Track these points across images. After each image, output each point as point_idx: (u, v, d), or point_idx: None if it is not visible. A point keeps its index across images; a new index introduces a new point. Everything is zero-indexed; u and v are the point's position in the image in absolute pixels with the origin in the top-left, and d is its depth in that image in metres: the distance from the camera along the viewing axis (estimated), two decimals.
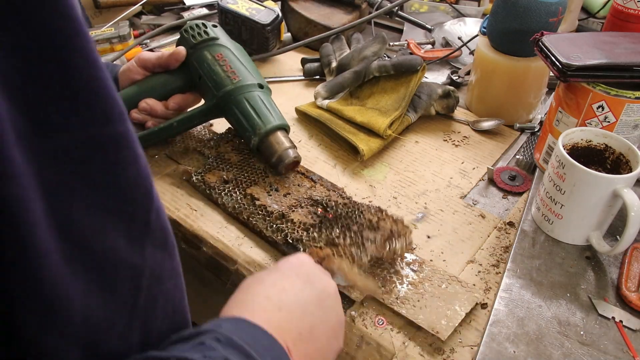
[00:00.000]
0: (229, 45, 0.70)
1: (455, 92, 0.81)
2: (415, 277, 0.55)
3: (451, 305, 0.51)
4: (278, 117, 0.66)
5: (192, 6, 1.10)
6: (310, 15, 1.00)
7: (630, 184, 0.53)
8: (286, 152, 0.64)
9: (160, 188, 0.67)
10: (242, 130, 0.66)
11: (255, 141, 0.65)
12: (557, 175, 0.56)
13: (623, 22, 0.77)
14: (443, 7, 1.16)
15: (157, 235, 0.33)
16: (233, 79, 0.67)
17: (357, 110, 0.77)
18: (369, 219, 0.57)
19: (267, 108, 0.66)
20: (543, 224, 0.60)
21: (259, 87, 0.68)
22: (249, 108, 0.66)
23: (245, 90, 0.66)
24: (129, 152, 0.29)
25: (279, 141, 0.65)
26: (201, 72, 0.68)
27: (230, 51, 0.70)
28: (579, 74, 0.59)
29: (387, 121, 0.73)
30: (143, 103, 0.69)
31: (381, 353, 0.48)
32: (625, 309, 0.51)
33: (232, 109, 0.66)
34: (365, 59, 0.83)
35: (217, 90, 0.67)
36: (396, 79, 0.80)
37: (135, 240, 0.31)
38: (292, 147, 0.65)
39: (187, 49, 0.70)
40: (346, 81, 0.81)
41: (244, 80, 0.67)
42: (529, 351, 0.47)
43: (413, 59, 0.78)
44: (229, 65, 0.68)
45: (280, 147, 0.64)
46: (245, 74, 0.68)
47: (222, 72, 0.67)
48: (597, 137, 0.59)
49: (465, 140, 0.78)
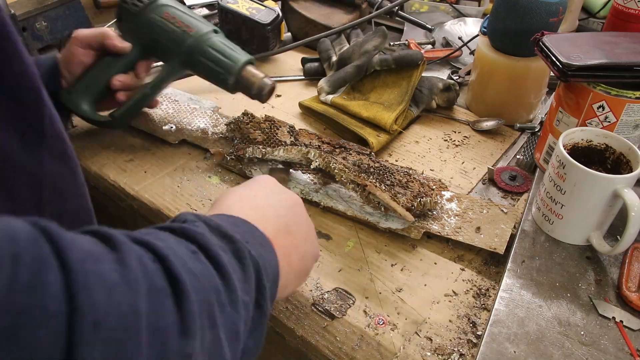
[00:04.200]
0: (170, 2, 0.71)
1: (455, 85, 0.83)
2: (459, 209, 0.63)
3: (497, 225, 0.60)
4: (243, 53, 0.69)
5: (192, 6, 1.10)
6: (310, 15, 1.00)
7: (630, 184, 0.53)
8: (263, 81, 0.67)
9: (161, 188, 0.67)
10: (215, 74, 0.68)
11: (232, 80, 0.67)
12: (558, 175, 0.56)
13: (623, 22, 0.77)
14: (443, 7, 1.16)
15: (53, 144, 0.32)
16: (189, 31, 0.68)
17: (362, 105, 0.78)
18: (398, 179, 0.63)
19: (230, 48, 0.69)
20: (543, 224, 0.60)
21: (214, 33, 0.70)
22: (215, 53, 0.68)
23: (205, 38, 0.68)
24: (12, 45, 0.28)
25: (253, 74, 0.68)
26: (154, 36, 0.69)
27: (174, 7, 0.70)
28: (579, 74, 0.59)
29: (393, 116, 0.75)
30: (115, 81, 0.68)
31: (381, 353, 0.48)
32: (625, 309, 0.51)
33: (198, 59, 0.68)
34: (366, 53, 0.84)
35: (179, 47, 0.68)
36: (397, 73, 0.81)
37: (30, 145, 0.30)
38: (266, 76, 0.68)
39: (132, 18, 0.70)
40: (348, 75, 0.82)
41: (200, 30, 0.69)
42: (529, 351, 0.47)
43: (414, 53, 0.80)
44: (180, 21, 0.69)
45: (257, 78, 0.67)
46: (198, 24, 0.69)
47: (176, 29, 0.68)
48: (597, 137, 0.59)
49: (465, 140, 0.78)
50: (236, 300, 0.29)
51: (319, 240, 0.60)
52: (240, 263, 0.31)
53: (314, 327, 0.51)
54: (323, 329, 0.51)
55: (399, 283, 0.55)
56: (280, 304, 0.53)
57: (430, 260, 0.58)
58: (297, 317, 0.52)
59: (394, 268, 0.57)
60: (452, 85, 0.83)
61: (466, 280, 0.56)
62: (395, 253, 0.59)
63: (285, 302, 0.53)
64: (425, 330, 0.50)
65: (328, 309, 0.52)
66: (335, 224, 0.62)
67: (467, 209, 0.62)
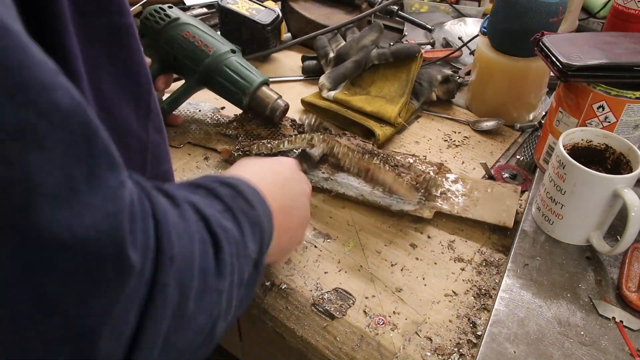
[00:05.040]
0: (191, 21, 0.73)
1: (454, 76, 0.84)
2: (465, 189, 0.65)
3: (503, 201, 0.63)
4: (259, 75, 0.72)
5: (192, 6, 1.10)
6: (310, 16, 1.00)
7: (630, 184, 0.53)
8: (277, 103, 0.71)
9: None
10: (230, 94, 0.71)
11: (246, 101, 0.71)
12: (558, 175, 0.56)
13: (623, 22, 0.77)
14: (443, 7, 1.16)
15: (155, 118, 0.39)
16: (208, 51, 0.71)
17: (364, 100, 0.79)
18: (402, 162, 0.65)
19: (246, 69, 0.72)
20: (543, 224, 0.60)
21: (232, 53, 0.72)
22: (231, 73, 0.71)
23: (222, 58, 0.71)
24: (135, 41, 0.36)
25: (267, 95, 0.71)
26: (175, 53, 0.71)
27: (194, 27, 0.73)
28: (579, 74, 0.59)
29: (397, 109, 0.76)
30: None
31: (381, 353, 0.48)
32: (625, 309, 0.51)
33: (215, 78, 0.71)
34: (364, 48, 0.84)
35: (197, 65, 0.71)
36: (396, 66, 0.82)
37: (142, 118, 0.37)
38: (279, 97, 0.72)
39: (154, 35, 0.72)
40: (348, 71, 0.83)
41: (219, 50, 0.71)
42: (529, 351, 0.47)
43: (411, 46, 0.81)
44: (200, 40, 0.71)
45: (271, 100, 0.71)
46: (217, 44, 0.72)
47: (195, 47, 0.71)
48: (597, 137, 0.59)
49: (465, 140, 0.78)
50: (247, 255, 0.36)
51: (319, 239, 0.60)
52: (252, 227, 0.37)
53: (314, 327, 0.51)
54: (323, 329, 0.51)
55: (399, 283, 0.55)
56: (280, 304, 0.53)
57: (430, 261, 0.58)
58: (297, 317, 0.52)
59: (394, 268, 0.57)
60: (450, 76, 0.84)
61: (466, 280, 0.56)
62: (395, 253, 0.59)
63: (286, 302, 0.53)
64: (425, 330, 0.50)
65: (328, 309, 0.52)
66: (336, 224, 0.62)
67: (473, 189, 0.65)
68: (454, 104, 0.87)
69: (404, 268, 0.57)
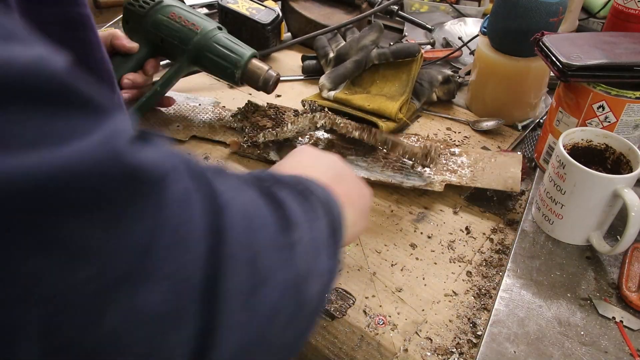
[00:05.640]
0: (174, 2, 0.74)
1: (454, 76, 0.84)
2: (470, 161, 0.68)
3: (507, 169, 0.66)
4: (248, 48, 0.73)
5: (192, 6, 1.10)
6: (310, 15, 1.00)
7: (630, 184, 0.53)
8: (269, 73, 0.72)
9: None
10: (222, 69, 0.72)
11: (238, 74, 0.71)
12: (558, 175, 0.56)
13: (623, 22, 0.77)
14: (443, 7, 1.16)
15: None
16: (196, 29, 0.71)
17: (364, 98, 0.79)
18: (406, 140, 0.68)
19: (235, 43, 0.72)
20: (543, 224, 0.60)
21: (219, 30, 0.73)
22: (221, 48, 0.71)
23: (210, 35, 0.72)
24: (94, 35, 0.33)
25: (259, 66, 0.72)
26: (162, 35, 0.72)
27: (179, 7, 0.73)
28: (579, 74, 0.59)
29: (397, 105, 0.76)
30: (125, 80, 0.70)
31: (381, 353, 0.48)
32: (625, 309, 0.51)
33: (206, 55, 0.72)
34: (364, 48, 0.84)
35: (186, 44, 0.71)
36: (396, 66, 0.82)
37: None
38: (270, 68, 0.72)
39: (138, 20, 0.72)
40: (348, 71, 0.83)
41: (206, 27, 0.72)
42: (529, 351, 0.47)
43: (411, 45, 0.81)
44: (186, 20, 0.72)
45: (262, 71, 0.72)
46: (204, 22, 0.72)
47: (183, 27, 0.71)
48: (597, 137, 0.59)
49: (465, 140, 0.78)
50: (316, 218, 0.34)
51: None
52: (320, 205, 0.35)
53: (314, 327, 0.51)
54: (323, 329, 0.51)
55: (399, 283, 0.55)
56: None
57: (430, 261, 0.58)
58: None
59: (394, 268, 0.57)
60: (451, 77, 0.84)
61: (466, 280, 0.56)
62: (395, 253, 0.59)
63: None
64: (425, 330, 0.50)
65: (328, 309, 0.52)
66: None
67: (477, 160, 0.68)
68: (454, 104, 0.87)
69: (404, 268, 0.57)
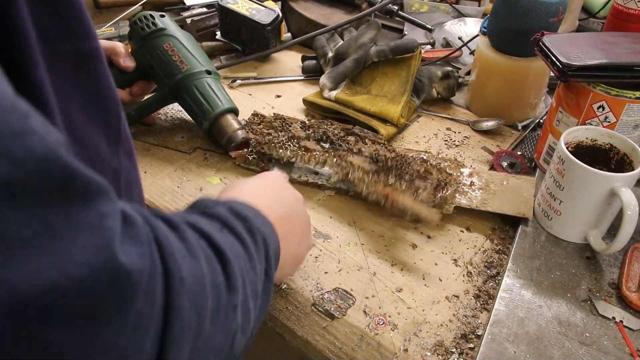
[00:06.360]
0: (177, 35, 0.73)
1: (454, 72, 0.84)
2: (481, 183, 0.66)
3: (520, 193, 0.63)
4: (226, 102, 0.71)
5: (192, 6, 1.10)
6: (310, 15, 1.00)
7: (629, 184, 0.53)
8: (235, 134, 0.69)
9: (161, 188, 0.67)
10: (194, 115, 0.71)
11: (206, 125, 0.70)
12: (557, 171, 0.56)
13: (623, 22, 0.77)
14: (443, 7, 1.16)
15: (126, 144, 0.38)
16: (182, 67, 0.71)
17: (366, 100, 0.79)
18: (417, 170, 0.63)
19: (215, 94, 0.71)
20: (542, 220, 0.60)
21: (206, 74, 0.72)
22: (198, 95, 0.70)
23: (194, 77, 0.71)
24: (102, 66, 0.35)
25: (228, 124, 0.69)
26: (152, 62, 0.72)
27: (178, 40, 0.73)
28: (579, 74, 0.59)
29: (399, 109, 0.76)
30: None
31: (381, 353, 0.48)
32: (625, 309, 0.51)
33: (183, 95, 0.71)
34: (362, 46, 0.84)
35: (169, 78, 0.71)
36: (395, 63, 0.82)
37: (112, 145, 0.37)
38: (240, 129, 0.69)
39: (138, 40, 0.73)
40: (348, 70, 0.83)
41: (193, 68, 0.71)
42: (529, 351, 0.47)
43: (409, 41, 0.81)
44: (178, 54, 0.71)
45: (230, 129, 0.69)
46: (194, 62, 0.72)
47: (172, 61, 0.71)
48: (602, 137, 0.59)
49: (465, 140, 0.78)
50: (254, 266, 0.36)
51: (319, 239, 0.60)
52: (253, 238, 0.37)
53: (314, 327, 0.51)
54: (323, 329, 0.51)
55: (399, 283, 0.55)
56: (280, 304, 0.53)
57: (431, 261, 0.58)
58: (297, 317, 0.52)
59: (394, 268, 0.57)
60: (450, 73, 0.84)
61: (466, 280, 0.56)
62: (395, 253, 0.59)
63: (286, 302, 0.53)
64: (425, 330, 0.50)
65: (328, 309, 0.52)
66: (336, 224, 0.62)
67: (489, 182, 0.66)
68: (454, 103, 0.87)
69: (404, 268, 0.57)
